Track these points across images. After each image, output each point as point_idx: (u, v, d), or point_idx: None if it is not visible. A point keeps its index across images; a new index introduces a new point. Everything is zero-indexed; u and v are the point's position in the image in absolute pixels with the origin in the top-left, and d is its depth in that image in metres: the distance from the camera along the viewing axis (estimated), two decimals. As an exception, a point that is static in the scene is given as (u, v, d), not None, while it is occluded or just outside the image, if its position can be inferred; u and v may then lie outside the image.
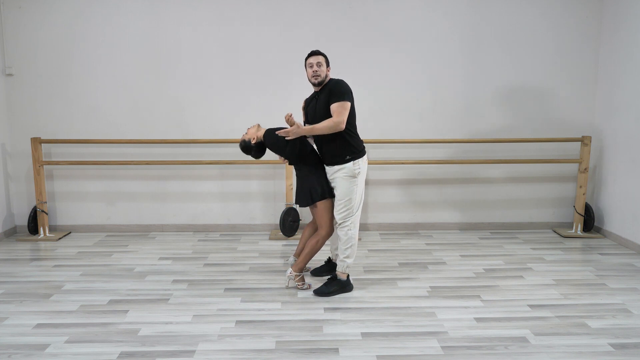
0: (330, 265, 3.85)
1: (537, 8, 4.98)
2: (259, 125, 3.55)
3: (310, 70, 3.39)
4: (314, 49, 3.50)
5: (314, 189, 3.44)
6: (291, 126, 3.44)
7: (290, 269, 3.60)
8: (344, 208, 3.41)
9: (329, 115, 3.33)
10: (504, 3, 4.97)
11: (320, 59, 3.38)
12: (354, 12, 4.95)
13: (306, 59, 3.44)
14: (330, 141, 3.38)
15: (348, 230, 3.43)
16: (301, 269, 3.58)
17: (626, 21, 4.66)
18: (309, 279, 3.77)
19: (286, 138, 3.38)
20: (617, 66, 4.79)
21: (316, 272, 3.86)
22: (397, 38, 4.99)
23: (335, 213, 3.46)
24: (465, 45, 5.02)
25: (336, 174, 3.42)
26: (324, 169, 3.52)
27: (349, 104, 3.31)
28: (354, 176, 3.38)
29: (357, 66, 4.95)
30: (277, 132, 3.37)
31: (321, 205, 3.47)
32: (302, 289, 3.57)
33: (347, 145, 3.37)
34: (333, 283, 3.51)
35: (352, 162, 3.37)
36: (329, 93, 3.34)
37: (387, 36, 4.99)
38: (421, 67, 5.04)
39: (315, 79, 3.38)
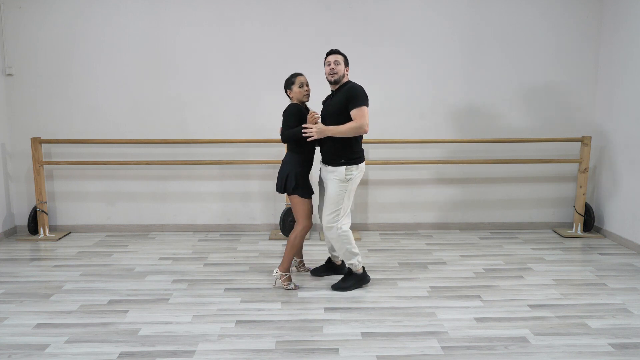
0: (330, 265, 3.85)
1: (537, 8, 4.98)
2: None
3: (327, 68, 3.43)
4: (334, 48, 3.51)
5: (290, 180, 3.45)
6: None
7: (276, 269, 3.59)
8: (331, 210, 3.43)
9: (340, 115, 3.35)
10: (504, 3, 4.97)
11: (339, 57, 3.42)
12: (354, 12, 4.95)
13: (325, 57, 3.47)
14: (331, 141, 3.40)
15: (337, 229, 3.45)
16: (286, 269, 3.56)
17: (626, 21, 4.66)
18: (307, 279, 3.77)
19: (308, 139, 3.35)
20: (617, 66, 4.79)
21: (316, 272, 3.86)
22: (397, 38, 4.99)
23: (323, 214, 3.49)
24: (465, 45, 5.02)
25: (329, 174, 3.46)
26: (309, 170, 3.56)
27: (366, 108, 3.33)
28: (343, 181, 3.40)
29: (357, 66, 4.94)
30: (303, 131, 3.32)
31: (295, 199, 3.49)
32: (288, 289, 3.55)
33: (345, 149, 3.40)
34: (350, 278, 3.56)
35: (345, 166, 3.39)
36: (345, 96, 3.36)
37: (387, 36, 4.99)
38: (421, 67, 5.04)
39: (332, 76, 3.41)
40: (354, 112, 3.32)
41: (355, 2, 4.94)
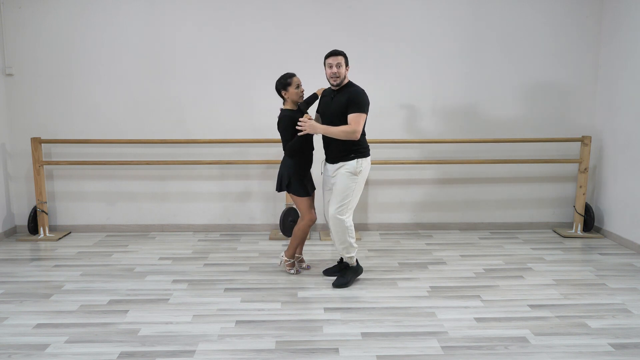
0: (342, 266, 3.85)
1: (537, 8, 4.97)
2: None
3: (329, 71, 3.44)
4: (334, 49, 3.53)
5: (284, 179, 3.67)
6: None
7: (282, 252, 3.94)
8: (339, 202, 3.51)
9: (342, 118, 3.43)
10: (505, 3, 4.97)
11: (340, 59, 3.44)
12: (354, 12, 4.95)
13: (325, 58, 3.48)
14: (339, 139, 3.46)
15: (344, 222, 3.52)
16: (291, 255, 3.88)
17: (626, 21, 4.66)
18: (307, 280, 3.77)
19: (299, 134, 3.49)
20: (617, 66, 4.79)
21: (328, 272, 3.88)
22: (396, 38, 4.99)
23: (330, 206, 3.56)
24: (465, 45, 5.02)
25: (339, 170, 3.52)
26: (306, 171, 3.71)
27: (365, 116, 3.43)
28: (355, 173, 3.48)
29: (356, 66, 4.94)
30: (297, 126, 3.47)
31: (292, 197, 3.71)
32: (290, 273, 3.89)
33: (354, 144, 3.49)
34: (347, 272, 3.67)
35: (356, 160, 3.48)
36: (347, 100, 3.42)
37: (387, 36, 4.99)
38: (421, 67, 5.04)
39: (334, 80, 3.44)
40: (351, 117, 3.39)
41: (355, 2, 4.94)
